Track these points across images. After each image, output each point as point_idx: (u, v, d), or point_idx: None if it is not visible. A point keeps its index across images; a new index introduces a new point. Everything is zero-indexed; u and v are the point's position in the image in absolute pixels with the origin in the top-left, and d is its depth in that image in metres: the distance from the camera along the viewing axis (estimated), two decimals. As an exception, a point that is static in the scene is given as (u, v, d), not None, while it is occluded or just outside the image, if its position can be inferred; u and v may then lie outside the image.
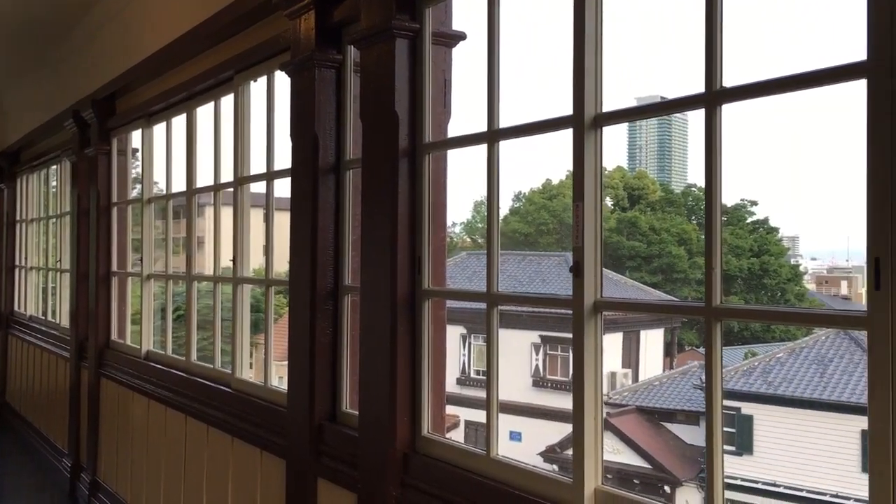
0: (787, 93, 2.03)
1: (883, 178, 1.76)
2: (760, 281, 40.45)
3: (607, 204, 43.92)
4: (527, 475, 2.64)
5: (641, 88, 63.89)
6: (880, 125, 1.77)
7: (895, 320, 1.75)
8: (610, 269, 30.60)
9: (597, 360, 2.45)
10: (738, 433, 20.35)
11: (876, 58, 1.78)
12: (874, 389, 1.79)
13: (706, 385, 2.13)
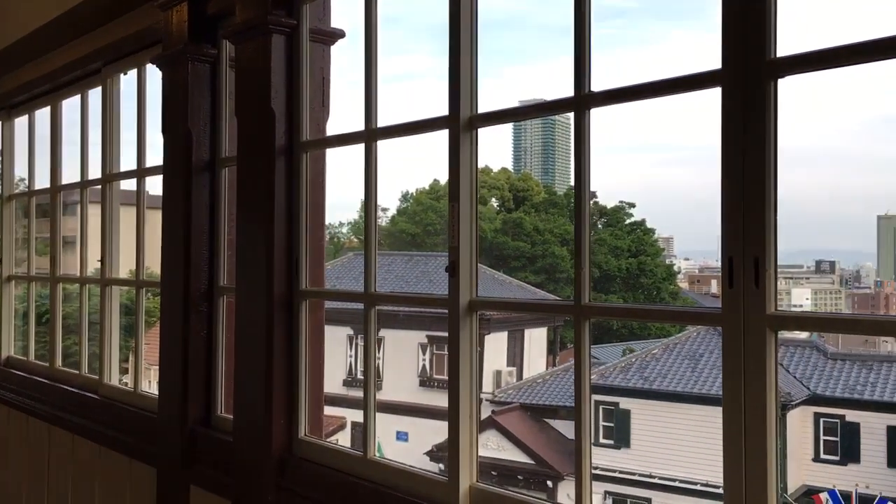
0: (650, 98, 2.11)
1: (734, 182, 1.86)
2: (638, 280, 42.07)
3: (493, 205, 44.66)
4: (404, 475, 2.64)
5: (534, 91, 65.19)
6: (732, 132, 1.86)
7: (747, 317, 1.85)
8: (496, 269, 31.09)
9: (472, 359, 2.47)
10: (616, 427, 21.08)
11: (729, 67, 1.87)
12: (727, 382, 1.88)
13: (575, 380, 2.19)
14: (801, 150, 53.69)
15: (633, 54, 58.94)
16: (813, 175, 61.55)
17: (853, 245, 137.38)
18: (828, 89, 53.40)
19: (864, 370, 20.74)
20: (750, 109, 1.84)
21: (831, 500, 18.49)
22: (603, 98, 2.16)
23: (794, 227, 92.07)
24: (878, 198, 79.60)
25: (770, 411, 1.83)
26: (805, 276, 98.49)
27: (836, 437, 20.05)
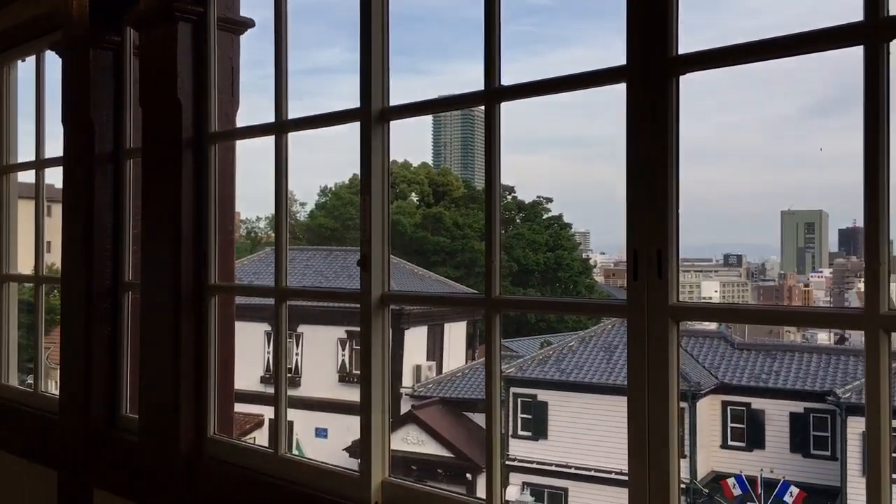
0: (558, 93, 2.14)
1: (638, 177, 1.90)
2: (555, 274, 42.77)
3: (413, 200, 44.67)
4: (316, 472, 2.61)
5: (458, 86, 65.52)
6: (636, 127, 1.90)
7: (651, 308, 1.89)
8: (416, 264, 31.10)
9: (384, 353, 2.46)
10: (533, 419, 21.40)
11: (632, 63, 1.91)
12: (632, 371, 1.92)
13: (486, 372, 2.20)
14: (710, 147, 55.48)
15: (550, 51, 59.87)
16: (721, 172, 63.69)
17: (759, 239, 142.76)
18: (733, 88, 55.29)
19: (769, 359, 21.62)
20: (653, 105, 1.88)
21: (738, 485, 19.22)
22: (512, 92, 2.17)
23: (703, 223, 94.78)
24: (781, 194, 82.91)
25: (672, 399, 1.88)
26: (714, 270, 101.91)
27: (742, 425, 20.84)
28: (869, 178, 1.58)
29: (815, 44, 1.68)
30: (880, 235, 1.57)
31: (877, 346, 1.57)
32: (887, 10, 1.56)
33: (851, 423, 18.40)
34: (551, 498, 20.73)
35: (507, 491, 20.87)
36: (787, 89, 64.62)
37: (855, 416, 18.40)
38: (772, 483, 18.87)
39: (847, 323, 1.75)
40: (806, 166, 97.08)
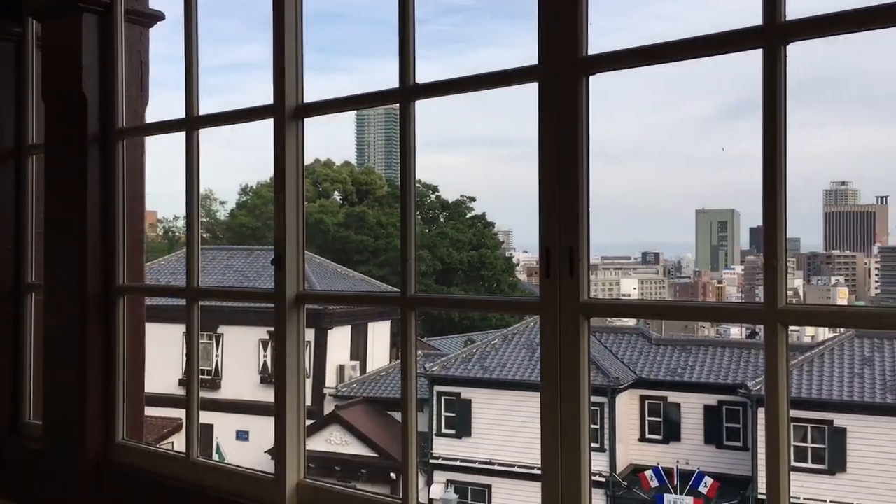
0: (472, 91, 2.15)
1: (550, 176, 1.93)
2: (479, 272, 43.08)
3: (336, 198, 44.32)
4: (230, 475, 2.56)
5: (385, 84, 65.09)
6: (547, 126, 1.92)
7: (563, 305, 1.92)
8: (340, 264, 30.85)
9: (299, 353, 2.43)
10: (457, 417, 21.51)
11: (544, 63, 1.93)
12: (544, 367, 1.95)
13: (402, 370, 2.20)
14: (630, 148, 56.84)
15: (472, 50, 60.29)
16: (641, 172, 65.30)
17: (676, 238, 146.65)
18: (652, 91, 56.79)
19: (684, 354, 22.27)
20: (564, 104, 1.90)
21: (655, 477, 19.74)
22: (426, 90, 2.17)
23: (623, 221, 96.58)
24: (696, 194, 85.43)
25: (583, 394, 1.91)
26: (633, 267, 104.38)
27: (659, 418, 21.41)
28: (767, 178, 1.64)
29: (717, 47, 1.73)
30: (778, 233, 1.63)
31: (775, 338, 1.63)
32: (784, 14, 1.62)
33: (762, 415, 19.10)
34: (475, 495, 20.88)
35: (432, 489, 20.92)
36: (704, 92, 66.69)
37: (763, 407, 19.11)
38: (687, 474, 19.44)
39: (748, 317, 1.82)
40: (719, 167, 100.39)
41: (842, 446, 18.50)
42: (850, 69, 64.00)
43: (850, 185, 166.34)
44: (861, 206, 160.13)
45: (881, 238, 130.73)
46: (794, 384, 19.38)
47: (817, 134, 64.75)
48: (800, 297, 70.52)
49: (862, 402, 18.53)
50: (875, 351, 19.51)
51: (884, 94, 62.59)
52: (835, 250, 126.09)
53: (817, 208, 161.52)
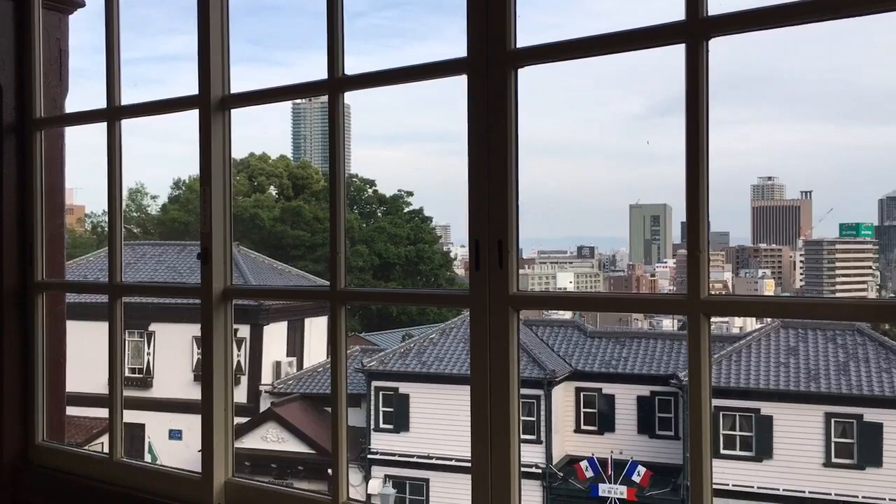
0: (401, 83, 2.13)
1: (479, 169, 1.92)
2: (417, 267, 43.08)
3: (272, 193, 43.73)
4: (155, 475, 2.49)
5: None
6: (476, 119, 1.92)
7: (492, 297, 1.92)
8: (276, 259, 30.48)
9: (227, 349, 2.38)
10: (395, 412, 21.49)
11: (473, 56, 1.93)
12: (474, 360, 1.95)
13: (332, 364, 2.17)
14: (566, 143, 57.53)
15: (407, 45, 60.20)
16: (577, 167, 66.13)
17: (610, 232, 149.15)
18: (587, 87, 57.56)
19: (618, 346, 22.67)
20: (493, 97, 1.90)
21: (590, 467, 20.07)
22: (355, 81, 2.15)
23: (559, 216, 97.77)
24: (629, 189, 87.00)
25: (513, 386, 1.91)
26: (569, 261, 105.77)
27: (594, 409, 21.77)
28: (690, 172, 1.67)
29: (641, 41, 1.75)
30: (700, 226, 1.66)
31: (698, 328, 1.66)
32: (706, 10, 1.65)
33: (692, 404, 19.57)
34: (413, 489, 20.91)
35: (370, 484, 20.86)
36: (636, 89, 67.88)
37: (695, 397, 19.60)
38: (621, 463, 19.82)
39: (673, 308, 1.85)
40: (652, 162, 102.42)
41: (768, 434, 19.11)
42: (776, 68, 66.06)
43: (776, 181, 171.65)
44: (787, 200, 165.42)
45: (805, 232, 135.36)
46: (724, 374, 19.94)
47: (745, 130, 66.63)
48: (729, 290, 72.48)
49: (787, 390, 19.16)
50: (799, 341, 20.19)
51: (806, 92, 64.90)
52: (762, 244, 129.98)
53: (745, 203, 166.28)
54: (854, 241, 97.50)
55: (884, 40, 36.54)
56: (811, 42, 57.04)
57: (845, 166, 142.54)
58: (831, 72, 67.14)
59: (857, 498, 17.63)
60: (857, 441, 18.36)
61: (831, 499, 18.07)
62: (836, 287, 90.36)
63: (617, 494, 19.68)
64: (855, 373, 19.03)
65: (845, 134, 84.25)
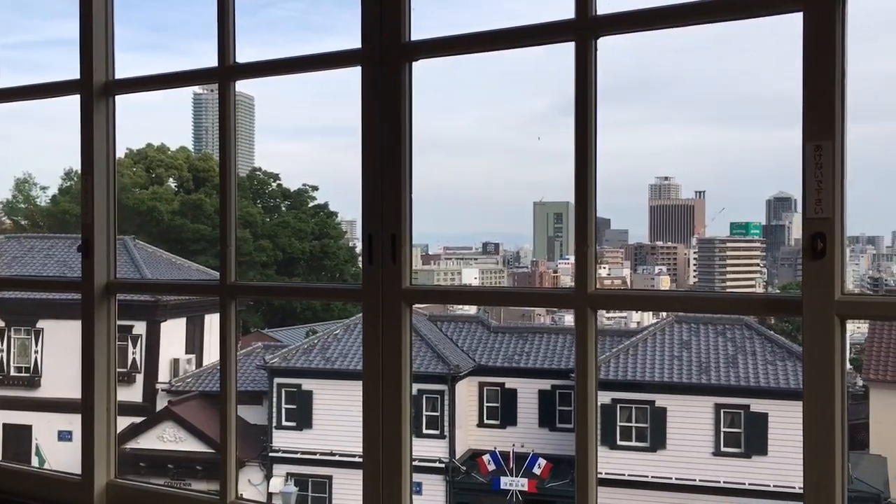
0: (296, 73, 2.10)
1: (373, 162, 1.91)
2: (321, 262, 42.61)
3: (171, 186, 42.39)
4: (35, 479, 2.37)
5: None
6: (370, 111, 1.90)
7: (385, 292, 1.91)
8: (175, 253, 29.57)
9: (109, 346, 2.28)
10: (298, 409, 21.21)
11: (368, 47, 1.91)
12: (367, 355, 1.93)
13: (220, 363, 2.11)
14: (470, 139, 58.09)
15: (317, 38, 59.44)
16: (481, 164, 66.81)
17: (514, 228, 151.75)
18: (491, 84, 58.21)
19: (521, 341, 23.05)
20: (387, 89, 1.89)
21: (492, 461, 20.33)
22: (246, 70, 2.10)
23: (464, 212, 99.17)
24: (533, 185, 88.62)
25: (405, 380, 1.91)
26: (474, 258, 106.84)
27: (497, 404, 22.06)
28: (579, 169, 1.70)
29: (533, 38, 1.77)
30: (588, 221, 1.69)
31: (585, 322, 1.69)
32: (595, 9, 1.68)
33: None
34: (316, 486, 20.70)
35: (271, 482, 20.53)
36: (541, 88, 69.15)
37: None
38: (523, 456, 20.16)
39: (561, 302, 1.88)
40: (555, 160, 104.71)
41: (662, 425, 19.81)
42: (671, 70, 68.40)
43: (672, 181, 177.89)
44: (682, 200, 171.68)
45: (699, 230, 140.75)
46: (621, 367, 20.55)
47: (645, 131, 68.94)
48: (628, 286, 74.65)
49: (680, 382, 19.92)
50: (692, 335, 21.02)
51: (699, 95, 67.47)
52: (658, 241, 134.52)
53: (644, 202, 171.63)
54: (743, 240, 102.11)
55: (773, 47, 38.62)
56: (706, 47, 59.39)
57: (736, 167, 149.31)
58: (724, 76, 70.01)
59: (744, 485, 18.49)
60: (744, 430, 19.26)
61: (720, 486, 18.89)
62: (726, 283, 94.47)
63: (518, 487, 20.02)
64: (743, 365, 19.95)
65: (736, 136, 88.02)
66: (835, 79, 1.42)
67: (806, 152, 1.43)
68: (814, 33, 1.43)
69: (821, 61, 1.42)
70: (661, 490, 19.27)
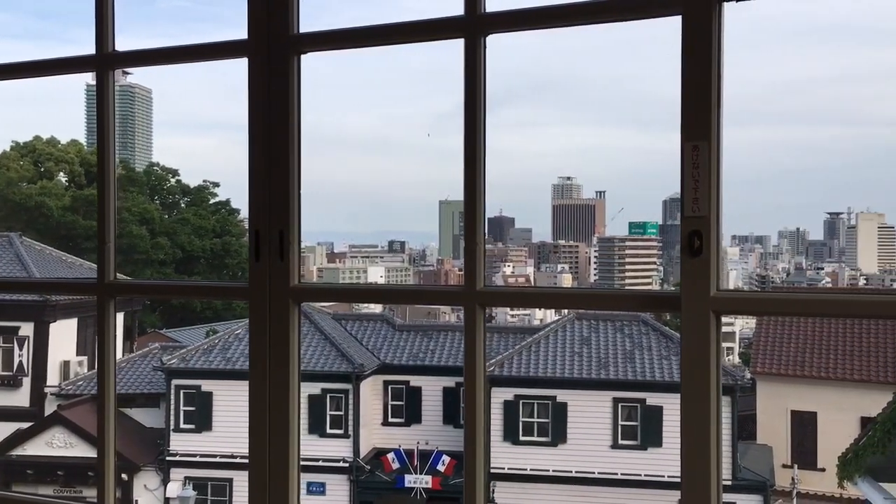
0: (173, 63, 2.02)
1: (260, 156, 1.85)
2: (223, 261, 41.67)
3: (62, 180, 40.57)
4: None
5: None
6: (257, 105, 1.85)
7: (273, 289, 1.86)
8: (65, 251, 28.31)
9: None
10: (197, 411, 20.66)
11: (254, 38, 1.85)
12: (253, 354, 1.88)
13: (98, 366, 2.02)
14: (377, 138, 57.82)
15: (215, 29, 58.08)
16: (388, 163, 66.62)
17: (420, 227, 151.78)
18: (399, 84, 58.07)
19: (426, 339, 23.13)
20: (275, 83, 1.84)
21: (396, 458, 20.33)
22: (127, 58, 2.01)
23: (370, 211, 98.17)
24: (439, 184, 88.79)
25: (293, 381, 1.86)
26: (380, 256, 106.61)
27: (401, 402, 22.07)
28: (468, 167, 1.69)
29: (423, 33, 1.76)
30: (477, 218, 1.69)
31: (474, 319, 1.69)
32: (484, 6, 1.68)
33: (495, 394, 20.38)
34: (216, 490, 20.20)
35: (168, 487, 19.92)
36: (447, 86, 69.31)
37: (498, 387, 20.42)
38: (427, 454, 20.24)
39: (451, 299, 1.88)
40: (461, 159, 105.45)
41: (563, 419, 20.25)
42: (574, 73, 69.97)
43: (574, 181, 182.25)
44: (583, 199, 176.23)
45: (599, 229, 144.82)
46: (524, 364, 20.89)
47: (548, 132, 69.94)
48: (531, 283, 75.98)
49: (580, 378, 20.40)
50: (592, 331, 21.56)
51: (600, 97, 69.36)
52: (561, 240, 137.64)
53: (547, 201, 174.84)
54: (641, 239, 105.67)
55: (665, 50, 40.24)
56: (606, 50, 61.40)
57: (634, 169, 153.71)
58: (623, 79, 72.17)
59: (640, 476, 19.10)
60: (640, 423, 19.88)
61: (618, 478, 19.46)
62: (625, 281, 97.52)
63: (422, 484, 20.08)
64: (639, 360, 20.60)
65: (634, 138, 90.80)
66: (711, 81, 1.46)
67: (684, 152, 1.47)
68: (691, 37, 1.47)
69: (698, 64, 1.46)
70: (561, 483, 19.71)
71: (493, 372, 20.33)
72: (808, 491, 21.27)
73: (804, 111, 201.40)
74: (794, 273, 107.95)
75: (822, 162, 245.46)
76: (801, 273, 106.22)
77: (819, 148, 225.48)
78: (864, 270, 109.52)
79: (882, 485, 11.23)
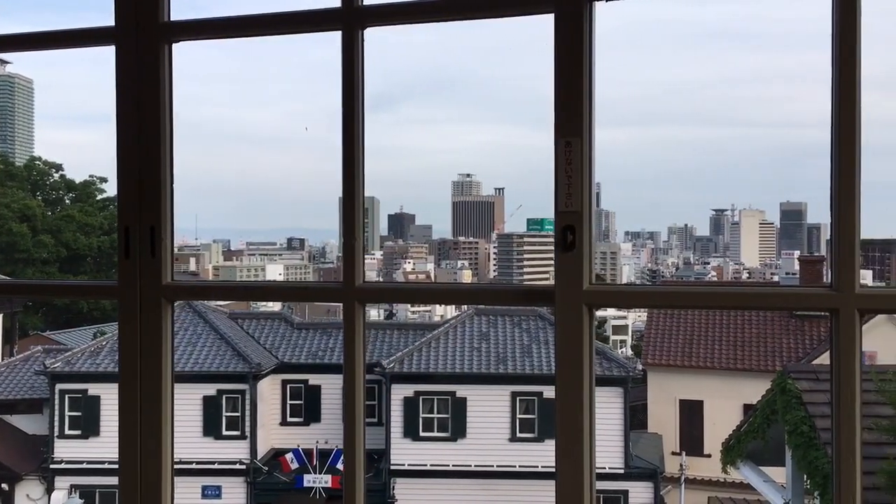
0: (48, 49, 1.92)
1: (128, 149, 1.78)
2: (111, 259, 39.99)
3: (-67, 174, 38.06)
4: None
5: None
6: (125, 95, 1.77)
7: (143, 288, 1.78)
8: (-63, 250, 26.62)
9: None
10: (84, 416, 19.80)
11: (122, 25, 1.77)
12: (124, 355, 1.80)
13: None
14: (276, 134, 56.80)
15: (106, 18, 55.79)
16: (287, 159, 65.62)
17: (320, 224, 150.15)
18: (300, 78, 57.20)
19: (325, 337, 22.89)
20: (144, 72, 1.76)
21: (295, 458, 20.05)
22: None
23: (270, 208, 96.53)
24: (339, 181, 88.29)
25: (166, 382, 1.80)
26: (279, 253, 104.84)
27: (300, 401, 21.78)
28: (346, 163, 1.67)
29: (300, 24, 1.72)
30: (356, 213, 1.67)
31: (353, 316, 1.66)
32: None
33: (395, 391, 20.38)
34: (104, 497, 19.39)
35: (53, 496, 19.01)
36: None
37: (398, 383, 20.42)
38: (326, 453, 20.05)
39: (329, 296, 1.84)
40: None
41: (462, 414, 20.44)
42: (472, 73, 70.69)
43: (474, 178, 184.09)
44: (482, 196, 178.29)
45: (499, 226, 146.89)
46: (424, 359, 20.96)
47: (448, 129, 70.31)
48: (432, 280, 76.27)
49: (479, 372, 20.63)
50: (490, 327, 21.83)
51: (497, 96, 70.38)
52: (461, 237, 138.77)
53: (447, 198, 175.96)
54: (539, 235, 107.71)
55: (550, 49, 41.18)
56: (503, 49, 62.35)
57: (531, 166, 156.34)
58: (517, 78, 73.26)
59: (537, 468, 19.47)
60: (537, 416, 20.28)
61: (516, 470, 19.79)
62: (524, 276, 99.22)
63: (322, 484, 19.88)
64: (536, 354, 21.00)
65: (531, 136, 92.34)
66: (583, 79, 1.49)
67: (557, 148, 1.49)
68: (563, 34, 1.49)
69: (570, 62, 1.49)
70: (461, 478, 19.89)
71: (392, 369, 20.32)
72: (695, 476, 22.21)
73: (692, 112, 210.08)
74: (683, 268, 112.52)
75: (708, 161, 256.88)
76: (689, 268, 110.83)
77: (706, 147, 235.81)
78: (747, 265, 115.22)
79: (762, 468, 11.83)
